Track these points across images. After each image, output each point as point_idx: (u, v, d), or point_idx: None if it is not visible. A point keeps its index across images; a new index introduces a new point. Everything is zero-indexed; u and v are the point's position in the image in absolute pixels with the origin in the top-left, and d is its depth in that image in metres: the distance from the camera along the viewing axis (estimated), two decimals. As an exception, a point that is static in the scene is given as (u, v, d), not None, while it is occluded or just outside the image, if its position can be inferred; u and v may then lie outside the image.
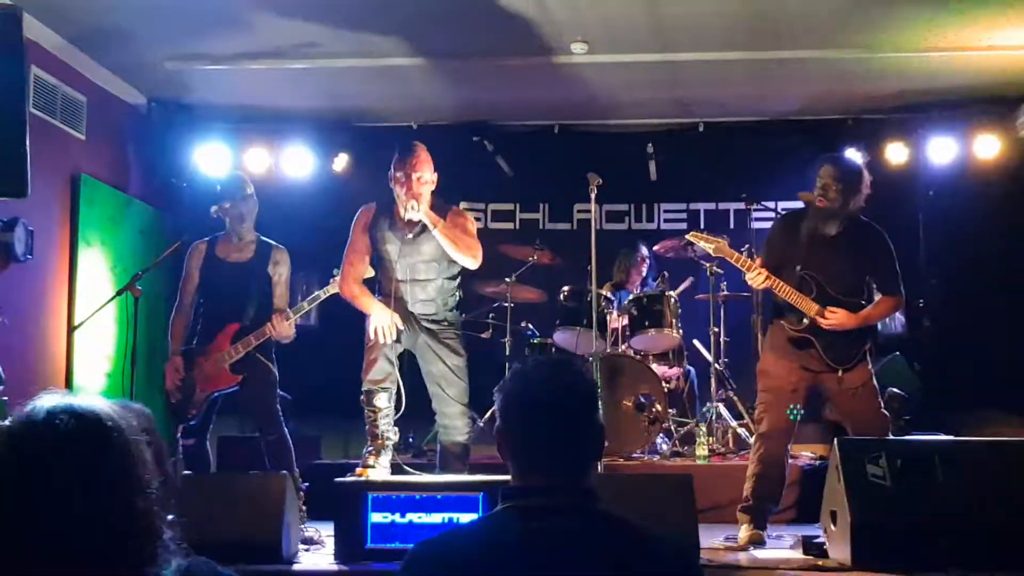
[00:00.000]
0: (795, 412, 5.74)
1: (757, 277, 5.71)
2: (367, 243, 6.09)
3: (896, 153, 9.33)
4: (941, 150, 9.25)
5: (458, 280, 6.17)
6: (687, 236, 6.27)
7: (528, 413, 2.30)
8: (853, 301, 5.76)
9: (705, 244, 6.07)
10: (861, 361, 5.76)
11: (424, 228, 5.95)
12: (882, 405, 5.86)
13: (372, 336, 5.82)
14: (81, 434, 1.84)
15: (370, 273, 6.14)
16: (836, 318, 5.66)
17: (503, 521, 2.24)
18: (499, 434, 2.35)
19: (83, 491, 1.80)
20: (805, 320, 5.71)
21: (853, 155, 5.87)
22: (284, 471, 5.75)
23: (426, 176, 5.94)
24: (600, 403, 2.37)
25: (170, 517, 1.96)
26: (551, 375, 2.35)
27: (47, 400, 1.88)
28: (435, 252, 5.99)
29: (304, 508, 5.96)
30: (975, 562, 4.54)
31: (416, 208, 5.81)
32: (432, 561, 2.18)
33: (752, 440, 6.28)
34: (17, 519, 1.77)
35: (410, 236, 5.97)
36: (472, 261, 6.11)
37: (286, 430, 6.27)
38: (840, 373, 5.73)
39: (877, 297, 5.89)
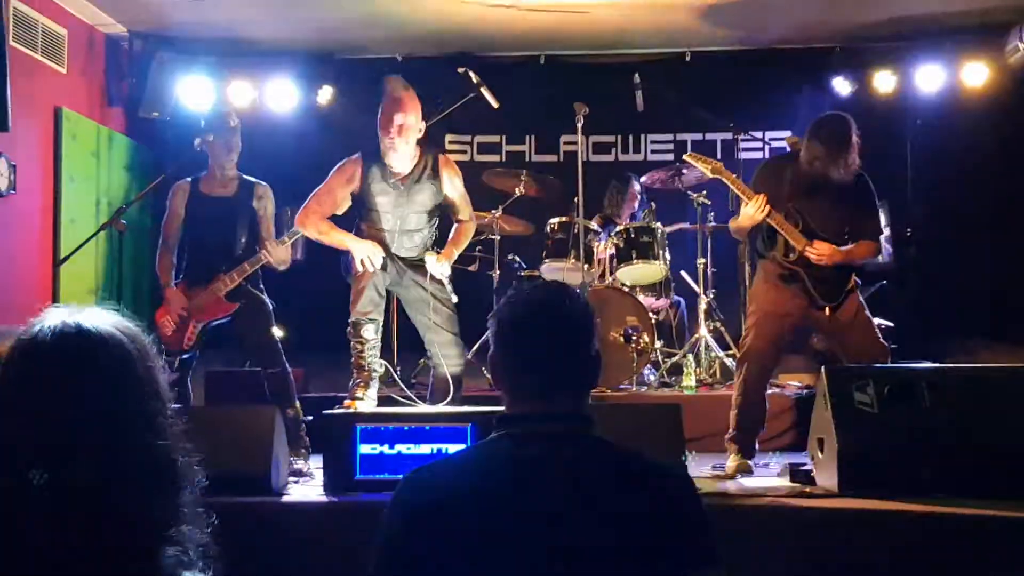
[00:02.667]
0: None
1: (758, 205, 5.69)
2: (344, 194, 5.97)
3: (884, 82, 9.28)
4: (929, 78, 9.21)
5: (437, 222, 6.13)
6: (684, 157, 6.25)
7: (523, 338, 2.26)
8: (836, 240, 5.76)
9: (702, 165, 6.07)
10: (849, 295, 5.78)
11: (420, 177, 5.88)
12: (880, 335, 5.84)
13: (360, 267, 5.77)
14: (90, 357, 1.71)
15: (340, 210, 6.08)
16: (822, 249, 5.67)
17: (497, 448, 2.21)
18: (493, 361, 2.31)
19: (93, 423, 1.67)
20: (792, 254, 5.72)
21: (841, 113, 5.82)
22: (284, 405, 5.77)
23: (410, 120, 5.80)
24: (596, 329, 2.31)
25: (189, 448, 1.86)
26: (547, 300, 2.31)
27: (53, 318, 1.74)
28: (428, 201, 5.94)
29: (307, 439, 5.98)
30: (960, 488, 4.57)
31: (440, 269, 5.85)
32: (424, 489, 2.16)
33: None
34: (20, 454, 1.63)
35: (404, 187, 5.90)
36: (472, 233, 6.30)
37: (287, 363, 6.23)
38: (827, 312, 5.75)
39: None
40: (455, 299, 5.96)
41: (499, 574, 2.04)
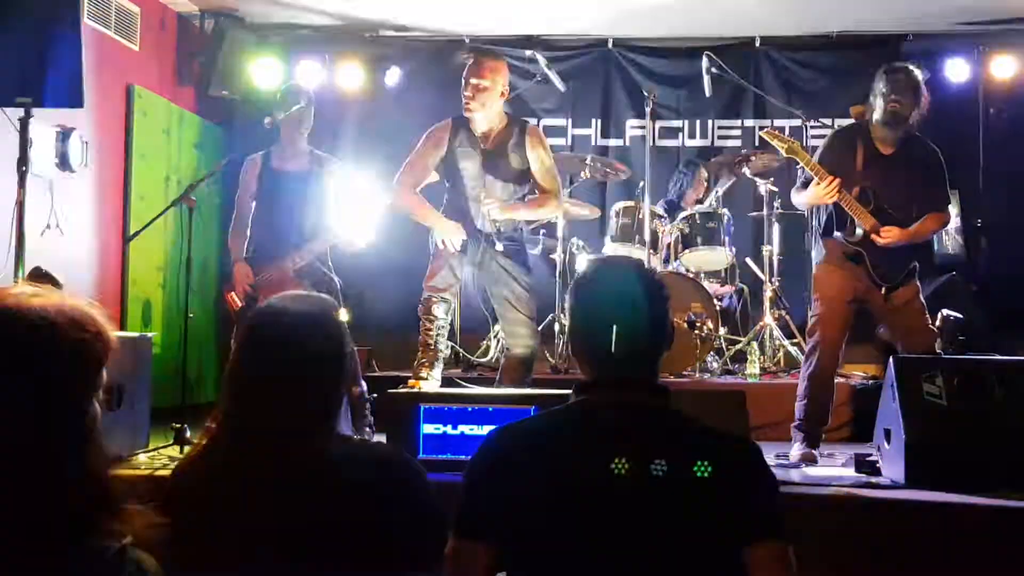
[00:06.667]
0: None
1: (830, 188, 5.62)
2: (434, 160, 5.91)
3: (957, 70, 9.16)
4: (1003, 67, 9.07)
5: (525, 194, 6.03)
6: (761, 134, 6.22)
7: (601, 310, 2.36)
8: (906, 218, 5.68)
9: (778, 143, 6.01)
10: (908, 279, 5.71)
11: (505, 145, 5.82)
12: (929, 321, 5.79)
13: (440, 245, 5.78)
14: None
15: (434, 178, 6.06)
16: (890, 234, 5.60)
17: (577, 413, 2.32)
18: (571, 333, 2.44)
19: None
20: (859, 231, 5.64)
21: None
22: (349, 384, 5.79)
23: (484, 82, 5.69)
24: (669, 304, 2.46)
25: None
26: (624, 273, 2.43)
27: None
28: (513, 171, 5.86)
29: (372, 418, 6.01)
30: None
31: (489, 210, 5.74)
32: (508, 443, 2.31)
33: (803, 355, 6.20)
34: None
35: (489, 152, 5.82)
36: (554, 212, 6.29)
37: (353, 343, 6.22)
38: (883, 291, 5.66)
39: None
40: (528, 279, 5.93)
41: (571, 531, 2.16)
